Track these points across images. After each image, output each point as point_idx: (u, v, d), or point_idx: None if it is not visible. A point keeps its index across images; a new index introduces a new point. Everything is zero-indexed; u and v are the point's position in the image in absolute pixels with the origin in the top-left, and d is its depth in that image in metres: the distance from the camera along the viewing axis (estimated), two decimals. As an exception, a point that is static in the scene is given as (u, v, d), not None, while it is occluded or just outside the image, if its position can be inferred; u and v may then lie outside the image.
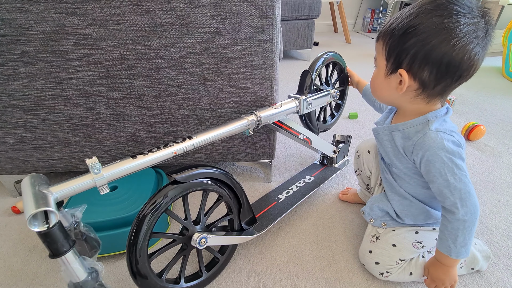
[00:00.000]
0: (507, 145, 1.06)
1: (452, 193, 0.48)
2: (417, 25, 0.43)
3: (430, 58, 0.44)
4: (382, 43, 0.49)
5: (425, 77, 0.46)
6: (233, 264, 0.66)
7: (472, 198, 0.48)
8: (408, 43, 0.44)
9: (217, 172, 0.56)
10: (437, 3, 0.43)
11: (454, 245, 0.49)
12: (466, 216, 0.48)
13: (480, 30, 0.43)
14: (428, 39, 0.43)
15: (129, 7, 0.58)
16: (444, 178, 0.48)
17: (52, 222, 0.38)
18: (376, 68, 0.53)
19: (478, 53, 0.43)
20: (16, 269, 0.66)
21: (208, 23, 0.61)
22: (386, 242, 0.60)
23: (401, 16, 0.46)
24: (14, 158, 0.78)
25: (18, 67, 0.64)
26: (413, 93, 0.49)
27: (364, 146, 0.73)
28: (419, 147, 0.50)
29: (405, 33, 0.45)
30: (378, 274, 0.60)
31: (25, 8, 0.57)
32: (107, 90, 0.68)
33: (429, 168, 0.50)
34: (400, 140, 0.54)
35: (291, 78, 1.76)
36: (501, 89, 1.55)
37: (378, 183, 0.69)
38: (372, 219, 0.63)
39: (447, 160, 0.48)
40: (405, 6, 2.56)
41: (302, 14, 1.87)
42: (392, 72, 0.48)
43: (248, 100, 0.72)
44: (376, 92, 0.54)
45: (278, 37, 0.67)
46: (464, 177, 0.48)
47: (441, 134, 0.49)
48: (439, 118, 0.50)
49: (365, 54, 2.27)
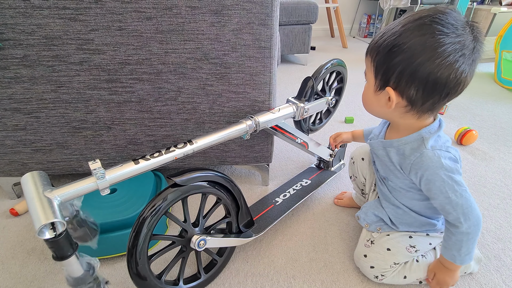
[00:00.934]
0: (499, 149, 1.09)
1: (455, 209, 0.49)
2: (401, 44, 0.43)
3: (416, 77, 0.44)
4: (370, 59, 0.49)
5: (412, 95, 0.46)
6: (231, 266, 0.67)
7: (474, 211, 0.49)
8: (394, 61, 0.44)
9: (216, 175, 0.57)
10: (420, 23, 0.43)
11: (459, 254, 0.51)
12: (470, 229, 0.49)
13: (467, 47, 0.42)
14: (413, 58, 0.43)
15: (131, 13, 0.60)
16: (446, 195, 0.49)
17: (59, 230, 0.39)
18: (366, 83, 0.53)
19: (465, 71, 0.43)
20: (14, 271, 0.66)
21: (208, 30, 0.63)
22: (381, 247, 0.61)
23: (386, 34, 0.45)
24: (13, 161, 0.78)
25: (19, 71, 0.64)
26: (402, 109, 0.49)
27: (358, 153, 0.74)
28: (418, 166, 0.51)
29: (390, 51, 0.44)
30: (373, 277, 0.61)
31: (28, 13, 0.58)
32: (108, 94, 0.69)
33: (429, 186, 0.51)
34: (395, 156, 0.55)
35: (288, 82, 1.78)
36: (493, 95, 1.59)
37: (372, 189, 0.71)
38: (367, 224, 0.65)
39: (447, 178, 0.48)
40: (401, 12, 2.60)
41: (300, 19, 1.90)
42: (381, 89, 0.48)
43: (247, 104, 0.74)
44: (367, 106, 0.54)
45: (276, 44, 0.69)
46: (464, 192, 0.49)
47: (438, 152, 0.49)
48: (433, 134, 0.50)
49: (361, 58, 2.30)
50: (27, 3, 0.57)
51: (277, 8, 0.64)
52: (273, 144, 0.84)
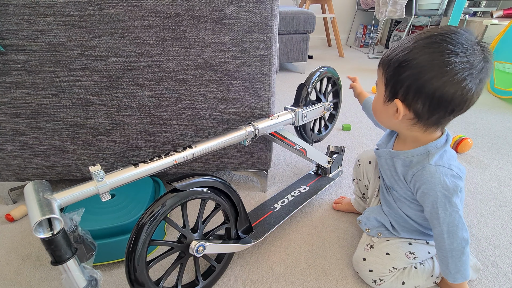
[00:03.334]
0: (493, 157, 1.11)
1: (440, 225, 0.51)
2: (410, 59, 0.45)
3: (423, 92, 0.45)
4: (382, 71, 0.51)
5: (419, 109, 0.47)
6: (229, 272, 0.66)
7: (460, 231, 0.50)
8: (403, 75, 0.46)
9: (215, 180, 0.57)
10: (431, 41, 0.44)
11: (448, 270, 0.53)
12: (452, 246, 0.51)
13: (475, 67, 0.43)
14: (421, 74, 0.44)
15: (134, 21, 0.61)
16: (435, 211, 0.51)
17: (57, 229, 0.39)
18: (377, 93, 0.54)
19: (472, 89, 0.44)
20: (8, 278, 0.65)
21: (209, 38, 0.64)
22: (380, 251, 0.61)
23: (399, 48, 0.47)
24: (11, 165, 0.78)
25: (21, 76, 0.65)
26: (409, 121, 0.51)
27: (365, 156, 0.74)
28: (417, 178, 0.52)
29: (400, 66, 0.46)
30: (371, 281, 0.61)
31: (32, 20, 0.59)
32: (108, 99, 0.70)
33: (423, 199, 0.53)
34: (400, 167, 0.56)
35: (286, 90, 1.81)
36: (487, 104, 1.62)
37: (375, 195, 0.71)
38: (368, 229, 0.65)
39: (441, 196, 0.50)
40: (396, 23, 2.65)
41: (298, 28, 1.94)
42: (390, 100, 0.50)
43: (246, 111, 0.75)
44: (377, 115, 0.56)
45: (275, 52, 0.70)
46: (454, 213, 0.50)
47: (440, 169, 0.50)
48: (439, 149, 0.52)
49: (357, 68, 2.35)
50: (31, 10, 0.58)
51: (276, 18, 0.66)
52: (272, 150, 0.85)
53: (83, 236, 0.49)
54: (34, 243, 0.74)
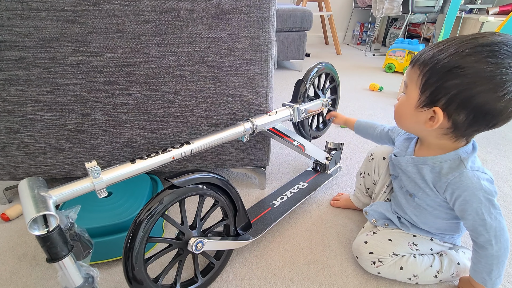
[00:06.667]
0: (490, 152, 1.11)
1: (488, 231, 0.49)
2: (464, 67, 0.41)
3: (471, 104, 0.42)
4: (418, 71, 0.46)
5: (460, 120, 0.44)
6: (228, 269, 0.66)
7: (506, 234, 0.49)
8: (450, 82, 0.42)
9: (213, 177, 0.56)
10: (493, 49, 0.40)
11: (489, 277, 0.51)
12: (500, 252, 0.49)
13: None
14: (474, 85, 0.41)
15: (130, 16, 0.60)
16: (481, 217, 0.49)
17: (52, 225, 0.38)
18: (405, 95, 0.50)
19: None
20: (4, 278, 0.64)
21: (206, 33, 0.64)
22: (383, 237, 0.62)
23: (448, 50, 0.42)
24: (5, 164, 0.77)
25: (15, 73, 0.64)
26: (442, 131, 0.48)
27: (380, 151, 0.72)
28: (455, 186, 0.50)
29: (449, 72, 0.42)
30: (370, 263, 0.60)
31: (25, 15, 0.58)
32: (104, 96, 0.69)
33: (465, 207, 0.50)
34: (429, 174, 0.53)
35: (284, 87, 1.80)
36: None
37: (383, 191, 0.70)
38: (374, 220, 0.66)
39: (485, 200, 0.48)
40: (392, 21, 2.65)
41: (295, 26, 1.93)
42: (425, 106, 0.46)
43: (244, 107, 0.74)
44: (400, 120, 0.53)
45: (273, 47, 0.70)
46: (499, 215, 0.49)
47: (477, 174, 0.49)
48: (470, 155, 0.50)
49: (354, 65, 2.35)
50: (24, 5, 0.57)
51: (274, 13, 0.65)
52: (270, 147, 0.84)
53: (80, 233, 0.48)
54: (30, 243, 0.73)
